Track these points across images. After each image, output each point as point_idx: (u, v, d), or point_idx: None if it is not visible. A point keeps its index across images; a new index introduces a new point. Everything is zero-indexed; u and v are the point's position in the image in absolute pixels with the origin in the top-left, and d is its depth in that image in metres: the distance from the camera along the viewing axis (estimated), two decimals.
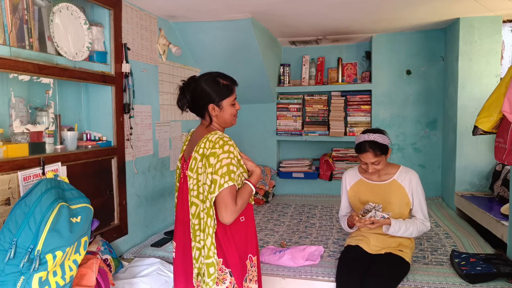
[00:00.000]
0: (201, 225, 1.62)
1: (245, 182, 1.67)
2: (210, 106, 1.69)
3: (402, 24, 3.66)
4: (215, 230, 1.60)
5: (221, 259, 1.63)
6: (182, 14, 3.12)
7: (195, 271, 1.66)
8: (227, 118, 1.74)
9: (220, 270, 1.62)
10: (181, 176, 1.77)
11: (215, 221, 1.60)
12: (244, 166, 1.71)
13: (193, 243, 1.65)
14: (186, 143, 1.83)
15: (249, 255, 1.73)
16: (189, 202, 1.67)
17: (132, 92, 2.69)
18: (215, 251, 1.60)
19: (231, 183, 1.56)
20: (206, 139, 1.63)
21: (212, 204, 1.59)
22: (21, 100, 1.95)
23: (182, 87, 1.72)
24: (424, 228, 2.26)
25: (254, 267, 1.74)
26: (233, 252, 1.64)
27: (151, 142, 3.02)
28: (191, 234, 1.66)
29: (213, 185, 1.56)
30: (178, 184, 1.81)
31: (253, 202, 1.77)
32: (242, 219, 1.70)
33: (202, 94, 1.68)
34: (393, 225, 2.18)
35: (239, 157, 1.66)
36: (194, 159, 1.65)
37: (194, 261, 1.66)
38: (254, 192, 1.69)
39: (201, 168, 1.62)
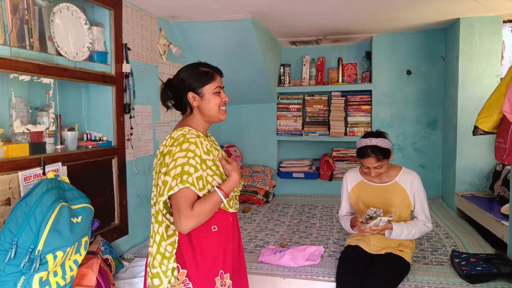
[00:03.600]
0: (151, 230, 1.48)
1: (214, 189, 1.45)
2: (190, 95, 1.52)
3: (402, 24, 3.66)
4: (167, 238, 1.44)
5: (185, 271, 1.45)
6: (183, 14, 3.12)
7: (148, 280, 1.51)
8: (212, 109, 1.53)
9: (182, 283, 1.44)
10: None
11: (165, 228, 1.44)
12: (219, 169, 1.51)
13: (149, 249, 1.51)
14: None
15: (220, 271, 1.48)
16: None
17: (133, 92, 2.69)
18: (163, 261, 1.42)
19: (181, 186, 1.36)
20: (169, 136, 1.48)
21: (161, 208, 1.43)
22: (21, 100, 1.95)
23: (164, 83, 1.60)
24: (426, 229, 2.25)
25: (225, 286, 1.49)
26: (195, 264, 1.44)
27: (152, 142, 3.02)
28: None
29: (162, 187, 1.38)
30: None
31: (231, 210, 1.54)
32: (214, 228, 1.48)
33: (180, 83, 1.53)
34: (395, 229, 2.18)
35: (206, 157, 1.45)
36: (156, 157, 1.52)
37: (148, 269, 1.51)
38: (224, 201, 1.45)
39: (158, 167, 1.48)
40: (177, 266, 1.46)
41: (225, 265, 1.50)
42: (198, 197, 1.43)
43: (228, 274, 1.51)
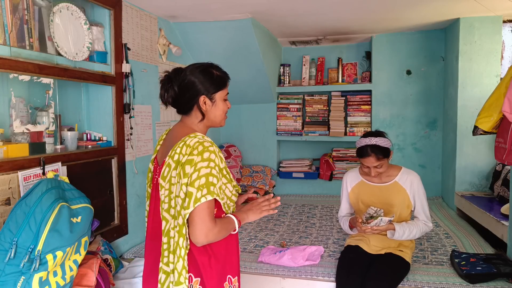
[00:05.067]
0: (170, 245, 1.39)
1: (229, 216, 1.44)
2: (201, 99, 1.47)
3: (402, 24, 3.66)
4: (187, 251, 1.38)
5: (198, 279, 1.40)
6: (183, 14, 3.12)
7: None
8: (218, 116, 1.53)
9: None
10: (153, 181, 1.52)
11: (188, 241, 1.38)
12: (230, 175, 1.47)
13: (160, 264, 1.42)
14: (161, 142, 1.58)
15: (228, 276, 1.49)
16: (161, 216, 1.43)
17: (132, 92, 2.69)
18: (187, 275, 1.37)
19: (209, 197, 1.32)
20: (183, 143, 1.39)
21: (185, 221, 1.35)
22: (21, 100, 1.95)
23: (167, 78, 1.50)
24: (427, 229, 2.26)
25: None
26: (211, 272, 1.42)
27: (151, 142, 3.02)
28: (161, 253, 1.43)
29: (187, 199, 1.32)
30: (149, 190, 1.55)
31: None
32: None
33: (192, 85, 1.46)
34: (397, 230, 2.18)
35: (222, 166, 1.42)
36: (168, 165, 1.41)
37: (159, 286, 1.43)
38: (235, 231, 1.47)
39: (175, 177, 1.38)
40: (190, 275, 1.40)
41: (232, 269, 1.50)
42: (218, 206, 1.43)
43: (236, 278, 1.52)
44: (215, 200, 1.38)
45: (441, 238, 2.88)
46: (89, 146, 2.36)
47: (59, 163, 2.03)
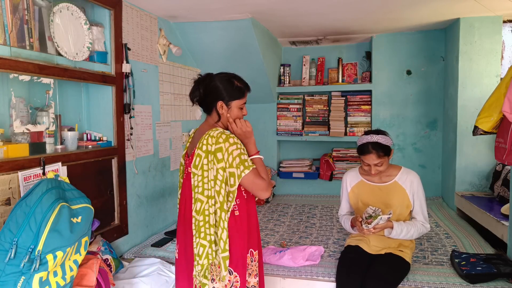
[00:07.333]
0: (207, 221, 1.63)
1: (252, 158, 1.72)
2: (219, 103, 1.73)
3: (402, 24, 3.66)
4: (227, 223, 1.64)
5: None
6: (183, 14, 3.12)
7: (198, 268, 1.64)
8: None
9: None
10: (185, 172, 1.79)
11: (229, 213, 1.65)
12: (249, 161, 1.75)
13: (197, 240, 1.64)
14: (189, 140, 1.85)
15: (250, 249, 1.75)
16: (193, 199, 1.67)
17: (133, 92, 2.69)
18: (228, 243, 1.64)
19: (247, 171, 1.62)
20: (207, 135, 1.66)
21: (229, 198, 1.64)
22: (21, 100, 1.95)
23: (197, 80, 1.77)
24: (424, 230, 2.26)
25: (255, 261, 1.76)
26: (236, 248, 1.66)
27: (152, 142, 3.02)
28: (194, 230, 1.66)
29: (232, 178, 1.62)
30: (181, 181, 1.83)
31: (256, 198, 1.80)
32: (236, 213, 1.71)
33: (214, 90, 1.73)
34: (395, 228, 2.18)
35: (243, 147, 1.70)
36: (198, 156, 1.67)
37: (197, 258, 1.64)
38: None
39: (207, 164, 1.64)
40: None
41: (253, 244, 1.76)
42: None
43: (257, 251, 1.79)
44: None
45: (441, 238, 2.88)
46: (89, 146, 2.36)
47: (59, 163, 2.03)
